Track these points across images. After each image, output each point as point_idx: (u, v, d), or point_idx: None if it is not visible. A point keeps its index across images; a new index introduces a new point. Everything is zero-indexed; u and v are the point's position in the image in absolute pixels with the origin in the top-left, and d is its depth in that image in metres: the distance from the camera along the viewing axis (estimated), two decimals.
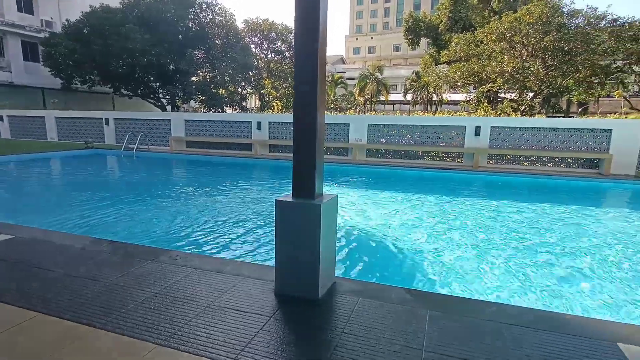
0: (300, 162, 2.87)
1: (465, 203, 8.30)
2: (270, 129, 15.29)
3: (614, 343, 2.49)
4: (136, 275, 3.41)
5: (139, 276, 3.40)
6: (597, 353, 2.39)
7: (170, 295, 3.04)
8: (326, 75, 10.01)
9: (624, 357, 2.36)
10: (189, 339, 2.44)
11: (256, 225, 6.29)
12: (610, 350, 2.43)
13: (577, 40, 17.21)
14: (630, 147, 11.53)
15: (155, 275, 3.43)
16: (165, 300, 2.97)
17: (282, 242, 2.97)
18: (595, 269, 4.61)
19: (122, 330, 2.55)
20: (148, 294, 3.06)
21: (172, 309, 2.82)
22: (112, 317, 2.70)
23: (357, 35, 78.07)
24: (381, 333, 2.56)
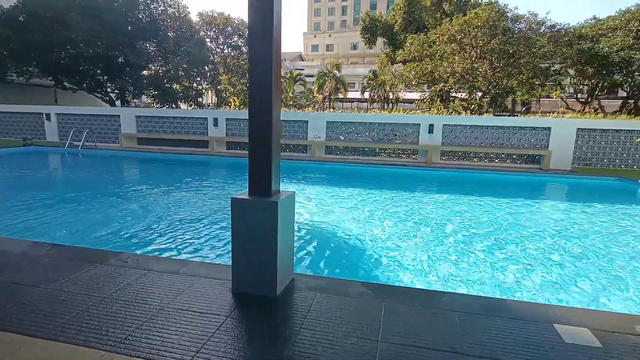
0: (256, 159, 2.85)
1: (419, 198, 8.62)
2: (228, 126, 14.98)
3: (551, 324, 2.71)
4: (83, 280, 3.22)
5: (86, 281, 3.22)
6: (536, 334, 2.59)
7: (120, 299, 2.90)
8: (285, 72, 9.97)
9: (559, 336, 2.58)
10: (141, 344, 2.35)
11: (214, 224, 6.15)
12: (547, 330, 2.64)
13: (520, 43, 18.36)
14: (567, 144, 12.52)
15: (104, 279, 3.26)
16: (115, 304, 2.83)
17: (239, 240, 2.93)
18: (534, 256, 4.96)
19: (67, 338, 2.40)
20: (96, 299, 2.90)
21: (123, 313, 2.70)
22: (57, 325, 2.53)
23: (315, 32, 78.20)
24: (338, 326, 2.61)
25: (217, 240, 5.31)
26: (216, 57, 29.41)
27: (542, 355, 2.37)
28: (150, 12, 23.93)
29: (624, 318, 2.89)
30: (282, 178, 10.67)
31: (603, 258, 5.01)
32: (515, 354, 2.38)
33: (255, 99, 2.76)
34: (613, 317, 2.91)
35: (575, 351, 2.42)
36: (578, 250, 5.30)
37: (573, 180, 11.21)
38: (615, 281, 4.28)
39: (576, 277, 4.35)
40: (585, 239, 5.85)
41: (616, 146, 12.48)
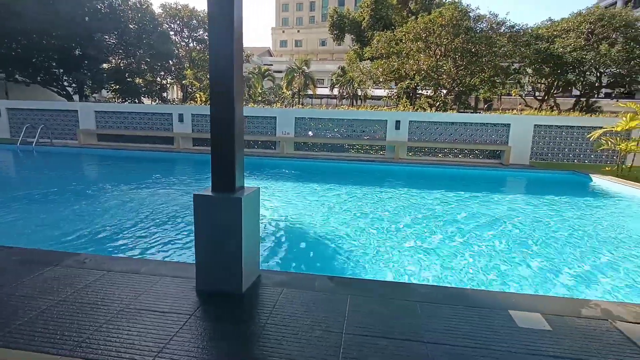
0: (219, 155, 2.80)
1: (386, 193, 8.78)
2: (194, 122, 14.62)
3: (506, 310, 2.85)
4: (36, 283, 3.07)
5: (40, 283, 3.06)
6: (493, 320, 2.72)
7: (77, 302, 2.79)
8: (253, 68, 9.81)
9: (513, 321, 2.72)
10: (99, 347, 2.27)
11: (178, 222, 6.00)
12: (503, 316, 2.78)
13: (482, 43, 19.03)
14: (525, 139, 13.14)
15: (60, 281, 3.12)
16: (71, 307, 2.71)
17: (202, 237, 2.88)
18: (493, 246, 5.19)
19: (19, 345, 2.28)
20: (51, 302, 2.77)
21: (80, 316, 2.60)
22: (7, 332, 2.40)
23: (284, 27, 77.55)
24: (304, 320, 2.63)
25: (181, 238, 5.19)
26: (181, 51, 28.56)
27: (498, 340, 2.49)
28: (109, 3, 22.86)
29: (571, 302, 3.09)
30: (250, 175, 10.55)
31: (557, 245, 5.32)
32: (473, 339, 2.49)
33: (216, 94, 2.72)
34: (562, 302, 3.10)
35: (528, 335, 2.56)
36: (534, 238, 5.60)
37: (531, 174, 11.78)
38: (567, 266, 4.55)
39: (530, 264, 4.59)
40: (540, 228, 6.18)
41: (570, 142, 13.23)
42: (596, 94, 26.51)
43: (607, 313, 2.86)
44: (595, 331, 2.63)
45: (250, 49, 42.48)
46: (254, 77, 38.23)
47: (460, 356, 2.30)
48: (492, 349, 2.39)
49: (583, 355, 2.36)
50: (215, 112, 2.75)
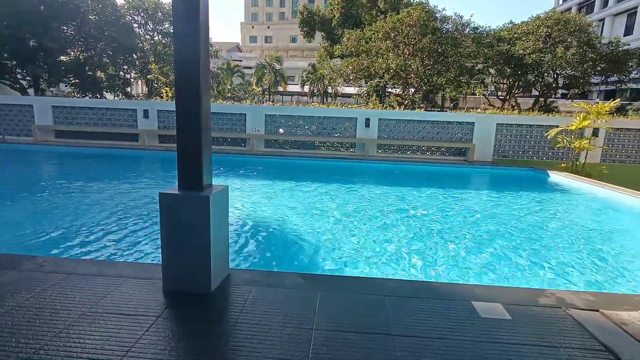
0: (186, 152, 2.74)
1: (356, 189, 8.89)
2: (160, 118, 14.18)
3: (469, 301, 2.97)
4: None
5: None
6: (457, 311, 2.83)
7: (34, 307, 2.65)
8: (222, 63, 9.60)
9: (476, 311, 2.84)
10: (58, 353, 2.17)
11: (144, 222, 5.82)
12: (466, 307, 2.89)
13: (448, 43, 19.58)
14: (488, 137, 13.66)
15: (15, 286, 2.95)
16: (27, 313, 2.58)
17: (169, 237, 2.81)
18: (457, 240, 5.39)
19: None
20: (5, 308, 2.62)
21: (37, 322, 2.47)
22: None
23: (254, 23, 76.42)
24: (274, 318, 2.63)
25: (148, 239, 5.04)
26: (146, 45, 27.50)
27: (461, 330, 2.60)
28: None
29: (529, 292, 3.26)
30: (220, 172, 10.37)
31: (516, 236, 5.58)
32: (438, 331, 2.58)
33: (182, 89, 2.65)
34: (520, 292, 3.27)
35: (489, 324, 2.68)
36: (495, 231, 5.85)
37: (493, 170, 12.29)
38: (526, 256, 4.79)
39: (492, 255, 4.80)
40: (499, 221, 6.47)
41: (529, 140, 13.88)
42: (553, 94, 27.90)
43: (561, 301, 3.04)
44: (550, 318, 2.79)
45: (219, 44, 41.59)
46: (223, 73, 37.47)
47: (426, 347, 2.38)
48: (456, 339, 2.48)
49: (540, 342, 2.50)
50: (180, 107, 2.69)
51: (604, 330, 2.67)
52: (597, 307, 2.97)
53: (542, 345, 2.46)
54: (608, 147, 13.20)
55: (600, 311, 2.92)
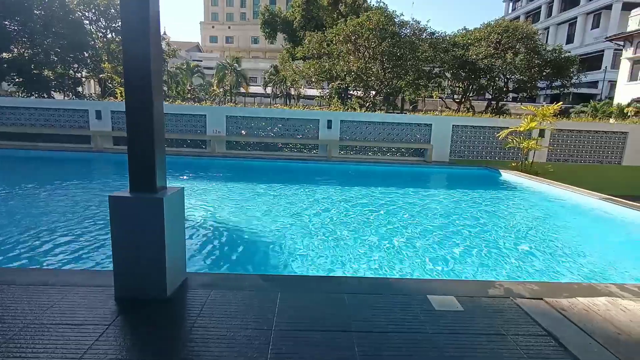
0: (137, 153, 2.64)
1: (318, 190, 8.94)
2: (114, 119, 13.53)
3: (425, 295, 3.08)
4: None
5: None
6: (413, 305, 2.92)
7: None
8: (181, 63, 9.31)
9: (432, 305, 2.94)
10: None
11: (96, 227, 5.53)
12: (422, 301, 2.99)
13: (406, 47, 20.21)
14: (444, 138, 14.19)
15: None
16: None
17: (120, 242, 2.70)
18: (415, 237, 5.56)
19: None
20: None
21: None
22: None
23: (214, 23, 74.85)
24: (233, 321, 2.59)
25: (100, 245, 4.79)
26: (98, 42, 26.18)
27: (417, 323, 2.68)
28: None
29: (480, 284, 3.43)
30: (179, 175, 10.04)
31: (471, 232, 5.85)
32: (396, 325, 2.65)
33: (132, 88, 2.55)
34: (472, 284, 3.44)
35: (443, 316, 2.79)
36: (452, 226, 6.10)
37: (450, 170, 12.80)
38: (478, 249, 5.04)
39: (448, 250, 5.00)
40: (454, 217, 6.75)
41: (482, 140, 14.57)
42: (505, 97, 29.54)
43: (509, 291, 3.22)
44: (499, 308, 2.95)
45: (178, 43, 40.31)
46: (182, 73, 36.44)
47: (384, 342, 2.44)
48: (413, 332, 2.57)
49: (489, 331, 2.64)
50: (131, 107, 2.59)
51: (546, 316, 2.86)
52: (540, 296, 3.18)
53: (491, 334, 2.60)
54: (553, 147, 14.13)
55: (543, 299, 3.13)
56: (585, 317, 2.88)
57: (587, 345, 2.52)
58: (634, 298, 3.23)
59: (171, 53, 28.77)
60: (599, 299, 3.18)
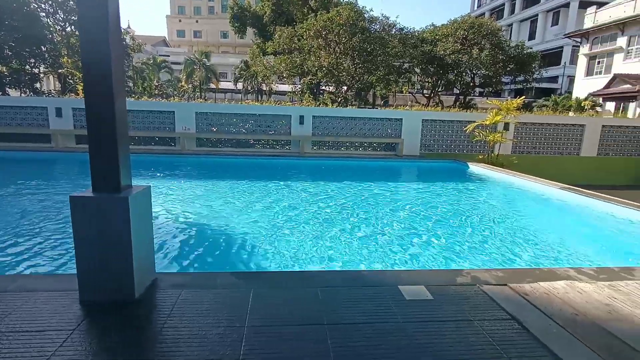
0: (99, 151, 2.55)
1: (290, 186, 8.93)
2: (76, 117, 12.94)
3: (396, 286, 3.15)
4: None
5: None
6: (385, 296, 2.98)
7: None
8: (147, 58, 9.02)
9: (402, 295, 3.01)
10: None
11: (57, 230, 5.29)
12: (394, 292, 3.06)
13: (376, 43, 20.38)
14: (415, 133, 14.48)
15: None
16: None
17: (84, 244, 2.60)
18: (387, 229, 5.67)
19: None
20: None
21: None
22: None
23: (180, 16, 72.70)
24: (204, 320, 2.55)
25: (62, 248, 4.60)
26: (56, 36, 24.88)
27: (389, 313, 2.74)
28: None
29: (448, 273, 3.55)
30: (146, 173, 9.76)
31: (441, 221, 6.02)
32: (368, 316, 2.70)
33: (91, 85, 2.45)
34: (441, 273, 3.54)
35: (414, 305, 2.87)
36: (422, 217, 6.25)
37: (420, 163, 13.10)
38: (447, 239, 5.20)
39: (419, 240, 5.13)
40: (424, 208, 6.93)
41: (451, 134, 14.96)
42: (472, 92, 30.45)
43: (476, 279, 3.35)
44: (466, 295, 3.06)
45: (143, 38, 38.93)
46: (149, 68, 35.28)
47: (355, 332, 2.48)
48: (384, 322, 2.62)
49: (457, 317, 2.73)
50: (91, 104, 2.48)
51: (510, 301, 2.99)
52: (505, 282, 3.32)
53: (459, 320, 2.70)
54: (517, 139, 14.71)
55: (507, 285, 3.27)
56: (545, 300, 3.03)
57: (547, 327, 2.66)
58: (590, 280, 3.43)
59: (136, 48, 27.74)
60: (559, 282, 3.36)
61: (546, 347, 2.40)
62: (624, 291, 3.24)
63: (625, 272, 3.64)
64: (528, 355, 2.31)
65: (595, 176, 14.32)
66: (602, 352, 2.37)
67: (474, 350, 2.35)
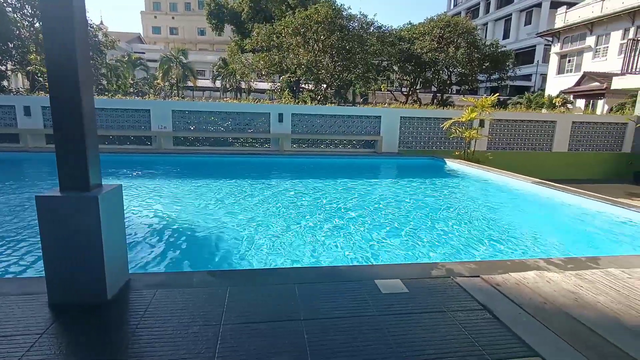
0: (66, 149, 2.47)
1: (268, 183, 8.89)
2: (46, 116, 12.50)
3: (372, 280, 3.19)
4: None
5: None
6: (361, 291, 3.02)
7: None
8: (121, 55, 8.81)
9: (378, 289, 3.06)
10: None
11: (26, 232, 5.11)
12: (370, 286, 3.10)
13: (354, 41, 20.49)
14: (393, 130, 14.64)
15: None
16: None
17: (52, 245, 2.52)
18: (365, 224, 5.73)
19: None
20: None
21: None
22: None
23: (156, 12, 70.98)
24: (179, 319, 2.53)
25: (30, 251, 4.44)
26: (24, 32, 23.90)
27: (365, 307, 2.78)
28: None
29: (423, 266, 3.62)
30: (121, 173, 9.53)
31: (418, 216, 6.12)
32: (344, 310, 2.72)
33: (56, 79, 2.37)
34: (416, 267, 3.61)
35: (390, 299, 2.91)
36: (400, 212, 6.34)
37: (399, 160, 13.27)
38: (424, 233, 5.29)
39: (397, 234, 5.21)
40: (403, 204, 7.03)
41: (428, 131, 15.21)
42: (449, 89, 31.00)
43: (450, 271, 3.43)
44: (440, 287, 3.13)
45: (117, 34, 37.83)
46: (123, 65, 34.35)
47: (332, 326, 2.50)
48: (360, 316, 2.65)
49: (432, 309, 2.79)
50: (56, 98, 2.40)
51: (482, 292, 3.08)
52: (477, 274, 3.41)
53: (433, 312, 2.76)
54: (492, 136, 15.08)
55: (480, 277, 3.36)
56: (516, 290, 3.13)
57: (517, 315, 2.75)
58: (558, 270, 3.56)
59: (109, 44, 26.93)
60: (529, 273, 3.48)
61: (515, 334, 2.49)
62: (590, 279, 3.38)
63: (591, 262, 3.80)
64: (498, 343, 2.39)
65: (566, 171, 14.86)
66: (568, 337, 2.47)
67: (447, 340, 2.40)
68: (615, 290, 3.17)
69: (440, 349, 2.31)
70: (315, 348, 2.27)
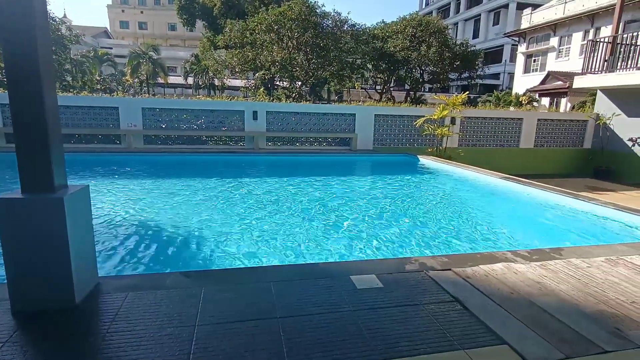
0: (27, 147, 2.36)
1: (241, 182, 8.81)
2: (5, 114, 11.88)
3: (348, 276, 3.22)
4: None
5: None
6: (337, 287, 3.05)
7: None
8: (87, 50, 8.50)
9: (354, 285, 3.10)
10: None
11: None
12: (346, 282, 3.13)
13: (329, 38, 20.53)
14: (368, 127, 14.79)
15: None
16: None
17: (14, 249, 2.41)
18: (340, 221, 5.78)
19: None
20: None
21: None
22: None
23: (123, 6, 68.58)
24: (152, 321, 2.47)
25: None
26: None
27: (341, 302, 2.81)
28: None
29: (397, 261, 3.69)
30: (88, 174, 9.20)
31: (392, 212, 6.23)
32: (321, 306, 2.75)
33: (15, 74, 2.25)
34: (391, 262, 3.68)
35: (365, 294, 2.96)
36: (374, 209, 6.43)
37: (373, 157, 13.43)
38: (397, 228, 5.40)
39: (371, 231, 5.28)
40: (377, 200, 7.14)
41: (402, 128, 15.46)
42: (421, 88, 31.60)
43: (423, 265, 3.51)
44: (414, 281, 3.21)
45: (82, 28, 36.28)
46: (89, 61, 33.04)
47: (308, 323, 2.52)
48: (336, 311, 2.68)
49: (406, 302, 2.86)
50: (16, 96, 2.29)
51: (454, 284, 3.18)
52: (449, 267, 3.51)
53: (407, 305, 2.82)
54: (463, 133, 15.51)
55: (451, 270, 3.46)
56: (485, 282, 3.25)
57: (486, 305, 2.86)
58: (524, 262, 3.72)
59: (73, 39, 25.84)
60: (497, 265, 3.62)
61: (484, 323, 2.59)
62: (553, 269, 3.55)
63: (555, 253, 3.99)
64: (468, 332, 2.47)
65: (533, 166, 15.48)
66: (532, 324, 2.59)
67: (420, 332, 2.47)
68: (575, 279, 3.35)
69: (413, 340, 2.38)
70: (291, 345, 2.28)
